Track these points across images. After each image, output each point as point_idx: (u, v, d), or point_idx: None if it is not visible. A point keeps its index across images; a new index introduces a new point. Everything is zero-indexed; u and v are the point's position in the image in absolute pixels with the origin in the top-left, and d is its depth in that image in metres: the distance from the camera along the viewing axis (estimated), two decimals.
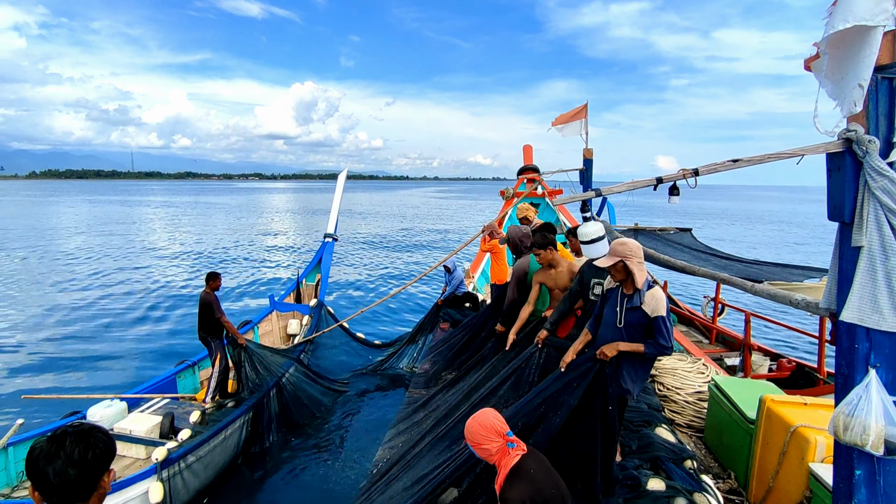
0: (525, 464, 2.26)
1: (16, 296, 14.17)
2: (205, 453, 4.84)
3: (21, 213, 47.59)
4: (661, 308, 3.10)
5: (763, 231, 39.75)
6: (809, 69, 2.20)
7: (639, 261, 3.17)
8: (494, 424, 2.31)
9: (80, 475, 1.29)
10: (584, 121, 7.67)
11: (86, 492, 1.32)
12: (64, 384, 8.06)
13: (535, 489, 2.18)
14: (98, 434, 1.37)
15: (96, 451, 1.33)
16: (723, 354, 7.32)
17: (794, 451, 3.39)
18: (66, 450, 1.29)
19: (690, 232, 8.90)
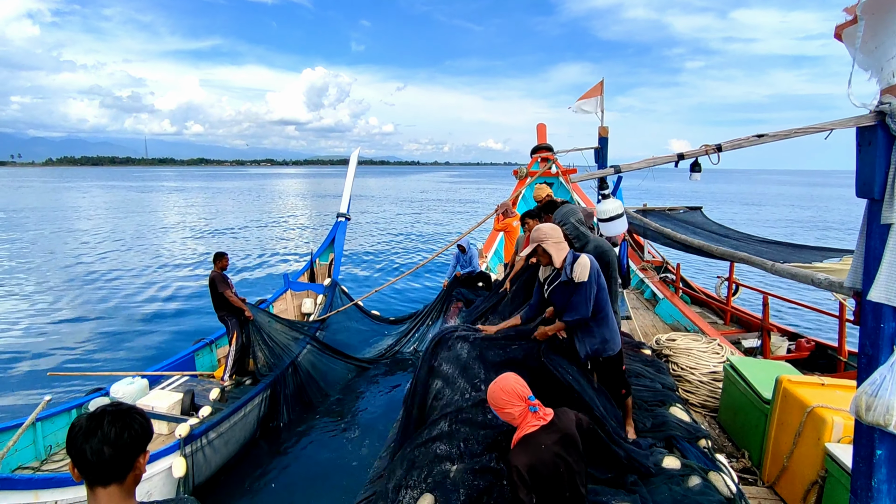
0: (538, 435, 2.27)
1: (38, 277, 14.53)
2: (225, 430, 4.95)
3: (40, 198, 48.49)
4: (584, 274, 3.20)
5: (778, 212, 38.95)
6: (840, 38, 2.10)
7: (555, 241, 3.30)
8: (515, 388, 2.32)
9: (115, 455, 1.31)
10: (599, 97, 7.49)
11: (121, 472, 1.34)
12: (87, 362, 8.31)
13: (538, 459, 2.20)
14: (135, 416, 1.39)
15: (132, 432, 1.35)
16: (739, 336, 7.20)
17: (809, 432, 3.37)
18: (103, 429, 1.31)
19: (701, 210, 8.72)
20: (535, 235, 3.31)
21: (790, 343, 6.98)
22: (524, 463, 2.20)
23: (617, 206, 3.39)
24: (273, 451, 5.62)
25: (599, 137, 6.87)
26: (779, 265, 3.91)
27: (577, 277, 3.20)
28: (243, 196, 56.90)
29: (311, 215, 36.29)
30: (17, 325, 10.07)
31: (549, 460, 2.22)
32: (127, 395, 5.16)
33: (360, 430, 6.04)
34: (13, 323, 10.25)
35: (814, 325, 10.09)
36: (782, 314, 10.63)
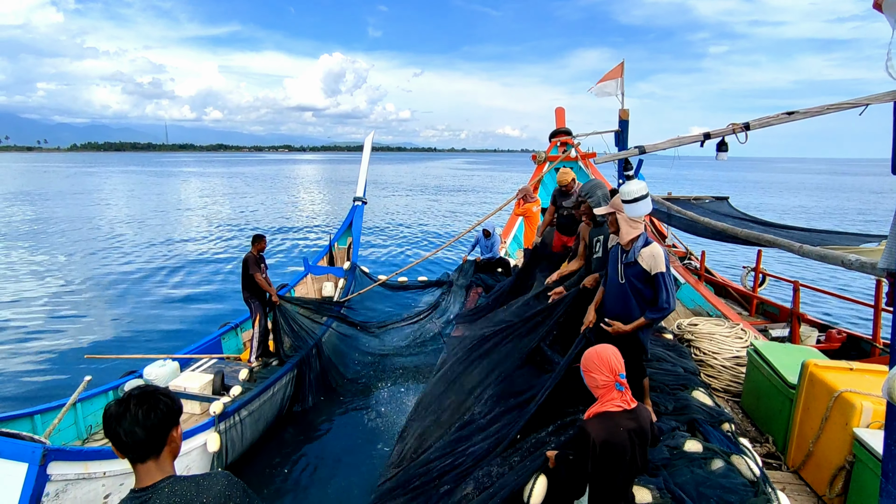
0: (618, 416, 2.27)
1: (69, 263, 15.04)
2: (255, 408, 5.11)
3: (68, 183, 49.78)
4: (661, 264, 3.09)
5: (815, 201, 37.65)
6: (880, 8, 2.01)
7: (632, 219, 3.20)
8: (610, 360, 2.30)
9: (146, 434, 1.42)
10: (620, 79, 7.32)
11: (155, 447, 1.45)
12: (119, 344, 8.63)
13: (613, 438, 2.21)
14: (160, 396, 1.48)
15: (158, 412, 1.45)
16: (767, 326, 7.04)
17: (837, 417, 3.32)
18: (130, 412, 1.42)
19: (727, 200, 8.49)
20: (616, 202, 3.21)
21: (820, 334, 6.79)
22: (600, 437, 2.22)
23: (642, 187, 3.32)
24: (297, 431, 5.78)
25: (620, 120, 6.73)
26: (807, 247, 3.82)
27: (652, 268, 3.09)
28: (262, 182, 57.62)
29: (328, 200, 36.61)
30: (56, 310, 10.48)
31: (622, 444, 2.23)
32: (159, 377, 5.35)
33: (379, 413, 6.16)
34: (52, 307, 10.68)
35: (847, 319, 9.81)
36: (813, 306, 10.37)
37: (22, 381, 7.17)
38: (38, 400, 6.21)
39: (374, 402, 6.48)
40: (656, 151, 5.21)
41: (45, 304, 10.90)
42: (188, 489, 1.42)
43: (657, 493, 2.82)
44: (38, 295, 11.55)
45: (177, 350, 6.44)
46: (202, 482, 1.45)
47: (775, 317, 7.43)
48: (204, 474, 1.51)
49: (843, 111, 3.62)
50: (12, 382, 7.14)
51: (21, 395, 6.76)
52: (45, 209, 28.66)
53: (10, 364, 7.74)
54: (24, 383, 7.11)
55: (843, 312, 10.31)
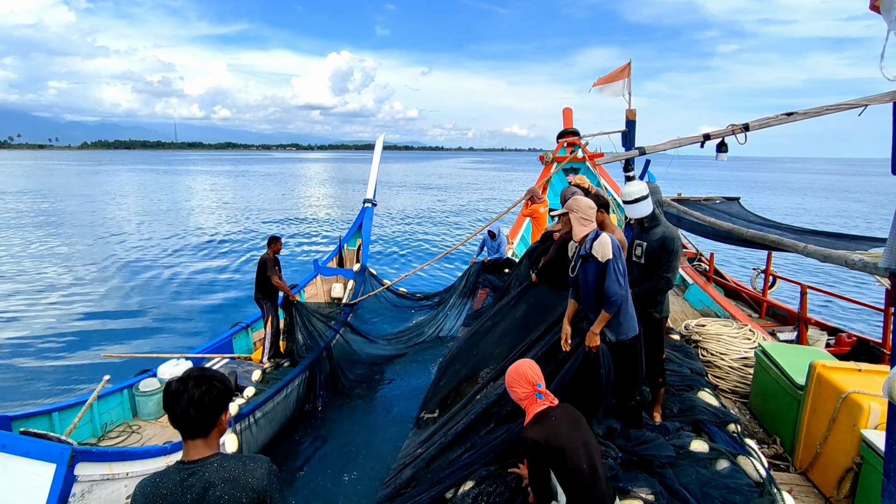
0: (549, 412, 2.47)
1: (82, 261, 15.26)
2: (269, 409, 5.15)
3: (79, 181, 50.39)
4: (608, 251, 3.07)
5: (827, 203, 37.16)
6: (877, 9, 2.01)
7: (582, 217, 3.23)
8: (527, 373, 2.56)
9: (199, 414, 1.54)
10: (626, 80, 7.29)
11: (206, 428, 1.57)
12: (133, 342, 8.77)
13: (551, 433, 2.37)
14: (215, 381, 1.58)
15: (212, 395, 1.55)
16: (775, 329, 6.96)
17: (844, 418, 3.33)
18: (189, 392, 1.53)
19: (738, 201, 8.41)
20: (570, 203, 3.28)
21: (829, 337, 6.70)
22: (540, 435, 2.37)
23: (641, 188, 3.34)
24: (307, 431, 5.82)
25: (627, 120, 6.72)
26: (811, 247, 3.82)
27: (601, 256, 3.07)
28: (270, 180, 57.99)
29: (335, 200, 36.74)
30: (72, 309, 10.66)
31: (563, 431, 2.38)
32: (173, 376, 5.43)
33: (388, 413, 6.21)
34: (69, 305, 10.87)
35: (860, 323, 9.69)
36: (825, 311, 10.25)
37: (41, 379, 7.31)
38: (55, 397, 6.37)
39: (382, 401, 6.53)
40: (657, 152, 5.22)
41: (63, 302, 11.09)
42: (236, 467, 1.54)
43: (651, 495, 2.81)
44: (56, 293, 11.75)
45: (189, 349, 6.54)
46: (248, 463, 1.57)
47: (786, 320, 7.36)
48: (249, 456, 1.63)
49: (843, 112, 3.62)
50: (32, 379, 7.28)
51: (41, 391, 6.88)
52: (56, 207, 29.07)
53: (30, 361, 7.90)
54: (43, 380, 7.25)
55: (856, 316, 10.19)
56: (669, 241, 3.60)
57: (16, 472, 2.89)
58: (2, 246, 17.37)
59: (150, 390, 5.20)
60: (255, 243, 18.95)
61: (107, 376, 4.22)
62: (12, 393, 6.78)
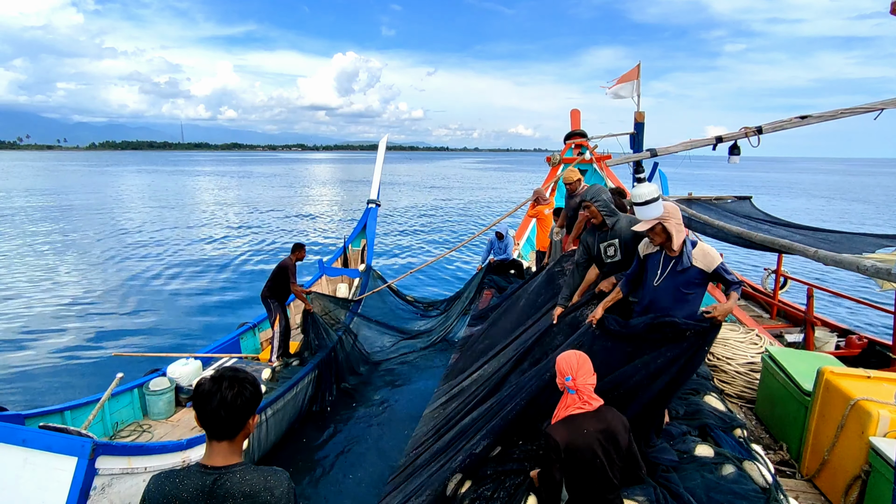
0: (582, 419, 2.35)
1: (91, 262, 15.40)
2: (280, 407, 5.18)
3: (87, 181, 50.79)
4: (716, 258, 3.14)
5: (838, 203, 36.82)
6: None
7: (677, 222, 3.18)
8: (560, 365, 2.45)
9: (228, 416, 1.48)
10: (636, 82, 7.27)
11: (233, 431, 1.52)
12: (142, 341, 8.86)
13: (576, 441, 2.29)
14: (248, 383, 1.54)
15: (244, 398, 1.50)
16: (783, 330, 6.87)
17: (853, 425, 3.30)
18: (221, 392, 1.48)
19: (750, 200, 8.35)
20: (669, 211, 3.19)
21: (839, 339, 6.62)
22: (563, 439, 2.29)
23: (653, 190, 3.32)
24: (314, 431, 5.86)
25: (635, 123, 6.71)
26: (822, 252, 3.79)
27: (707, 266, 3.11)
28: (275, 181, 58.28)
29: (341, 201, 36.85)
30: (84, 308, 10.77)
31: (587, 446, 2.29)
32: (183, 375, 5.48)
33: (394, 414, 6.23)
34: (80, 305, 10.98)
35: (873, 326, 9.58)
36: (838, 311, 10.13)
37: (52, 377, 7.37)
38: (67, 395, 6.41)
39: (385, 405, 6.54)
40: (669, 154, 5.20)
41: (73, 302, 11.20)
42: (258, 481, 1.49)
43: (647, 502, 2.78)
44: (66, 293, 11.87)
45: (196, 349, 6.59)
46: (269, 479, 1.51)
47: (797, 321, 7.28)
48: (270, 469, 1.57)
49: (858, 115, 3.59)
50: (43, 378, 7.34)
51: (52, 390, 6.93)
52: (66, 207, 29.34)
53: (41, 360, 7.97)
54: (54, 379, 7.31)
55: (868, 318, 10.08)
56: None
57: (37, 465, 2.91)
58: (13, 245, 17.54)
59: (160, 389, 5.22)
60: (261, 243, 19.05)
61: (120, 374, 4.26)
62: (24, 392, 6.85)
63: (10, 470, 2.91)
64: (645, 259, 3.43)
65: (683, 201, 7.68)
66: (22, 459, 2.90)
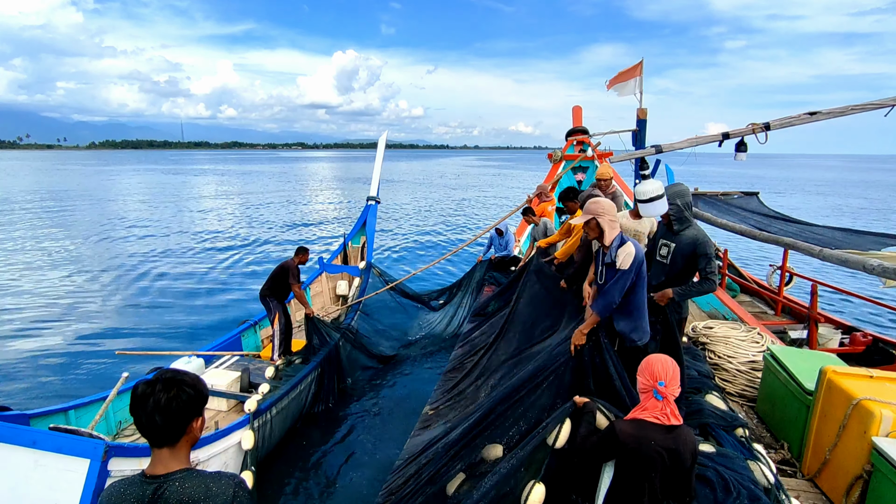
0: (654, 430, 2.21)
1: (93, 260, 15.41)
2: (284, 405, 5.17)
3: (88, 181, 50.82)
4: (627, 262, 3.13)
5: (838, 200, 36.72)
6: None
7: (611, 219, 3.22)
8: (654, 366, 2.30)
9: (164, 422, 1.40)
10: (638, 79, 7.23)
11: (173, 437, 1.43)
12: (143, 339, 8.84)
13: (639, 448, 2.18)
14: (185, 385, 1.44)
15: (181, 400, 1.41)
16: (787, 326, 6.82)
17: (855, 425, 3.29)
18: (155, 396, 1.39)
19: (757, 196, 8.26)
20: (592, 208, 3.25)
21: (844, 336, 6.58)
22: (627, 442, 2.20)
23: (658, 187, 3.32)
24: (314, 428, 5.87)
25: (638, 119, 6.67)
26: (827, 251, 3.77)
27: (620, 264, 3.14)
28: (275, 179, 58.28)
29: (342, 198, 36.84)
30: (85, 307, 10.74)
31: (647, 457, 2.18)
32: (144, 377, 5.43)
33: (394, 411, 6.23)
34: (82, 303, 10.96)
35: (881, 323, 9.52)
36: (848, 308, 10.07)
37: (55, 376, 7.35)
38: (69, 394, 6.40)
39: (386, 402, 6.55)
40: (674, 150, 5.17)
41: (76, 300, 11.18)
42: (197, 489, 1.40)
43: None
44: (68, 292, 11.85)
45: (198, 347, 6.58)
46: (212, 486, 1.42)
47: (801, 317, 7.24)
48: (216, 475, 1.47)
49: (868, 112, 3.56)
50: (46, 377, 7.32)
51: (56, 388, 6.91)
52: (66, 207, 29.35)
53: (44, 359, 7.94)
54: (58, 378, 7.29)
55: (875, 315, 10.02)
56: (703, 245, 3.69)
57: (48, 467, 2.88)
58: (15, 245, 17.56)
59: None
60: (262, 241, 19.05)
61: (125, 373, 4.24)
62: (27, 391, 6.83)
63: (20, 472, 2.88)
64: (596, 253, 3.55)
65: None
66: (33, 461, 2.88)
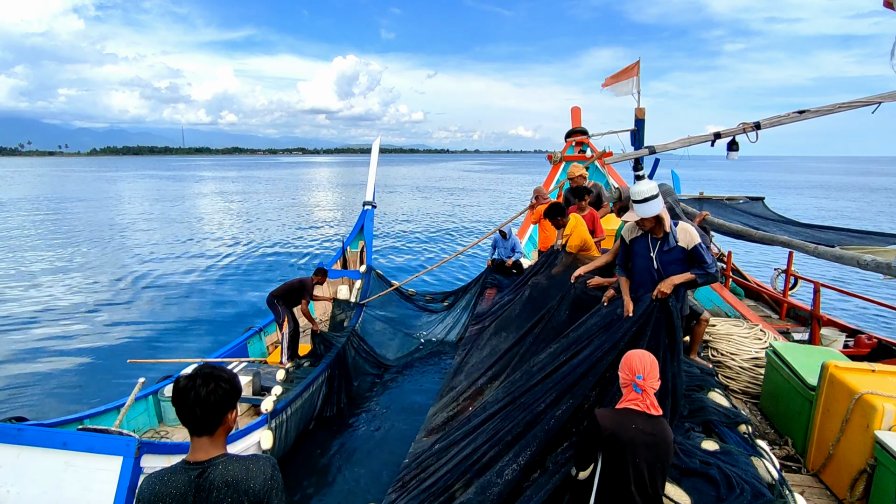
0: (635, 416, 2.31)
1: (100, 268, 15.46)
2: (297, 406, 5.20)
3: (89, 188, 50.92)
4: (695, 237, 3.40)
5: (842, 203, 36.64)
6: (890, 5, 2.01)
7: (664, 207, 3.45)
8: (632, 361, 2.42)
9: (204, 413, 1.54)
10: (635, 79, 7.26)
11: (211, 426, 1.57)
12: (152, 347, 8.86)
13: (622, 432, 2.27)
14: (222, 380, 1.59)
15: (218, 395, 1.56)
16: (790, 329, 6.81)
17: (858, 419, 3.30)
18: (196, 389, 1.54)
19: (762, 201, 8.27)
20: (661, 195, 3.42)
21: (848, 338, 6.55)
22: (607, 427, 2.28)
23: (652, 187, 3.36)
24: (322, 432, 5.85)
25: (636, 119, 6.70)
26: (822, 248, 3.79)
27: (685, 242, 3.37)
28: (277, 185, 58.43)
29: (343, 203, 36.93)
30: (96, 317, 10.75)
31: (630, 441, 2.26)
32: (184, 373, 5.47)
33: (399, 414, 6.22)
34: (93, 312, 10.98)
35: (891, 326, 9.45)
36: (849, 310, 10.01)
37: (67, 386, 7.35)
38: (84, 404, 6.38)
39: (391, 404, 6.54)
40: (667, 151, 5.20)
41: (87, 309, 11.18)
42: (238, 471, 1.55)
43: None
44: (78, 300, 11.84)
45: (207, 353, 6.61)
46: (251, 467, 1.58)
47: (806, 321, 7.22)
48: (253, 457, 1.63)
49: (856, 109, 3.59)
50: (60, 387, 7.32)
51: (69, 398, 6.90)
52: (71, 214, 29.44)
53: (57, 369, 7.93)
54: (70, 388, 7.30)
55: (880, 317, 9.98)
56: None
57: (79, 468, 2.89)
58: (22, 254, 17.61)
59: None
60: (264, 247, 19.10)
61: (142, 379, 4.27)
62: (41, 402, 6.82)
63: (51, 474, 2.89)
64: (631, 243, 3.67)
65: (695, 200, 7.61)
66: (63, 463, 2.89)
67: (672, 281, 3.36)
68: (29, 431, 2.96)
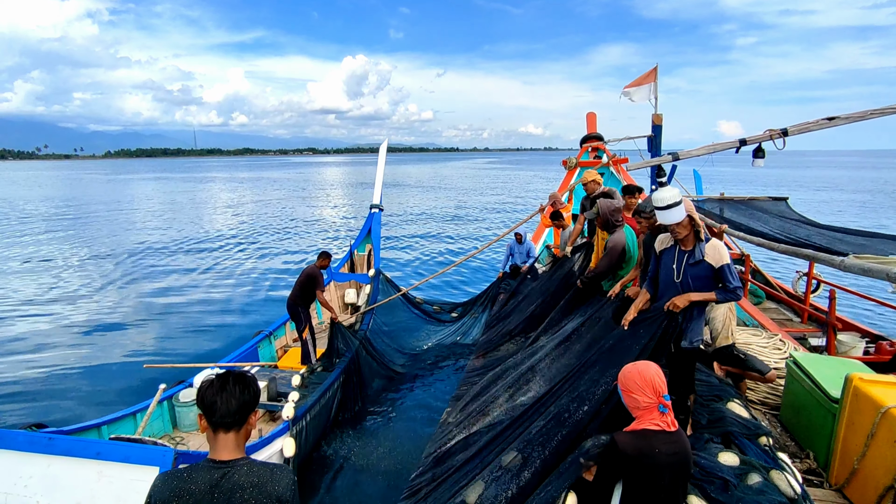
0: (656, 437, 2.16)
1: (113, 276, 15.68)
2: (316, 412, 5.21)
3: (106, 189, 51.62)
4: (725, 256, 3.24)
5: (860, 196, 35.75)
6: None
7: (700, 216, 3.40)
8: (654, 380, 2.21)
9: (238, 407, 1.63)
10: (653, 84, 7.20)
11: (240, 422, 1.65)
12: (164, 352, 8.92)
13: (644, 455, 2.13)
14: (251, 382, 1.72)
15: (249, 393, 1.67)
16: (807, 333, 6.68)
17: (884, 433, 3.23)
18: (230, 386, 1.64)
19: (786, 201, 8.08)
20: (688, 204, 3.32)
21: (869, 344, 6.39)
22: (628, 447, 2.16)
23: (675, 194, 3.33)
24: (334, 438, 5.88)
25: (653, 125, 6.64)
26: (848, 260, 3.72)
27: (715, 259, 3.23)
28: (288, 186, 58.83)
29: (353, 204, 37.04)
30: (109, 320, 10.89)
31: (655, 466, 2.15)
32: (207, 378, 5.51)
33: (411, 420, 6.25)
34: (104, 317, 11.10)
35: None
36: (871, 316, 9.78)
37: (87, 391, 7.43)
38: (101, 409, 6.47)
39: (402, 410, 6.58)
40: (691, 157, 5.15)
41: (99, 315, 11.29)
42: (263, 474, 1.61)
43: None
44: (92, 307, 11.94)
45: (219, 358, 6.66)
46: (275, 472, 1.64)
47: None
48: (275, 464, 1.69)
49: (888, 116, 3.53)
50: (77, 392, 7.39)
51: (86, 404, 6.97)
52: (86, 216, 29.93)
53: (73, 374, 8.02)
54: (90, 393, 7.37)
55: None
56: None
57: (113, 478, 2.85)
58: (36, 258, 17.89)
59: (190, 401, 5.23)
60: (277, 250, 19.24)
61: (162, 385, 4.32)
62: (58, 407, 6.88)
63: (84, 484, 2.84)
64: (661, 255, 3.56)
65: (715, 201, 7.44)
66: (96, 473, 2.85)
67: (689, 297, 3.26)
68: (61, 441, 2.94)
